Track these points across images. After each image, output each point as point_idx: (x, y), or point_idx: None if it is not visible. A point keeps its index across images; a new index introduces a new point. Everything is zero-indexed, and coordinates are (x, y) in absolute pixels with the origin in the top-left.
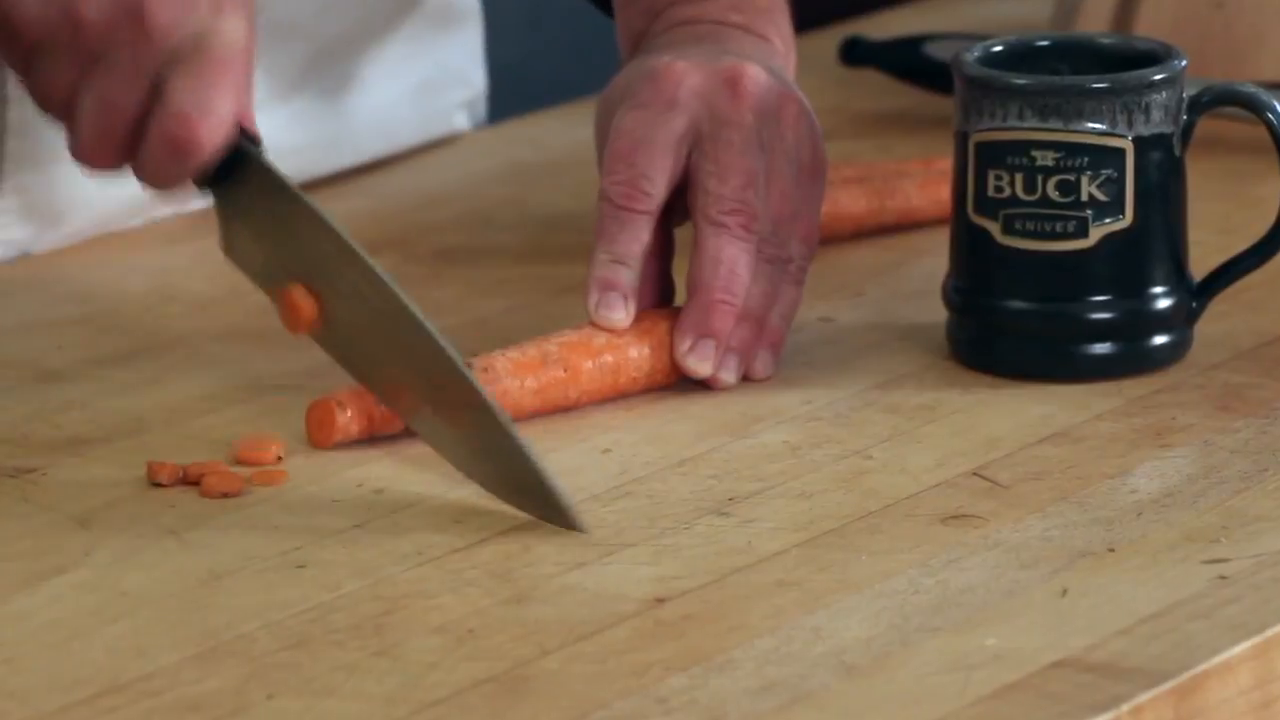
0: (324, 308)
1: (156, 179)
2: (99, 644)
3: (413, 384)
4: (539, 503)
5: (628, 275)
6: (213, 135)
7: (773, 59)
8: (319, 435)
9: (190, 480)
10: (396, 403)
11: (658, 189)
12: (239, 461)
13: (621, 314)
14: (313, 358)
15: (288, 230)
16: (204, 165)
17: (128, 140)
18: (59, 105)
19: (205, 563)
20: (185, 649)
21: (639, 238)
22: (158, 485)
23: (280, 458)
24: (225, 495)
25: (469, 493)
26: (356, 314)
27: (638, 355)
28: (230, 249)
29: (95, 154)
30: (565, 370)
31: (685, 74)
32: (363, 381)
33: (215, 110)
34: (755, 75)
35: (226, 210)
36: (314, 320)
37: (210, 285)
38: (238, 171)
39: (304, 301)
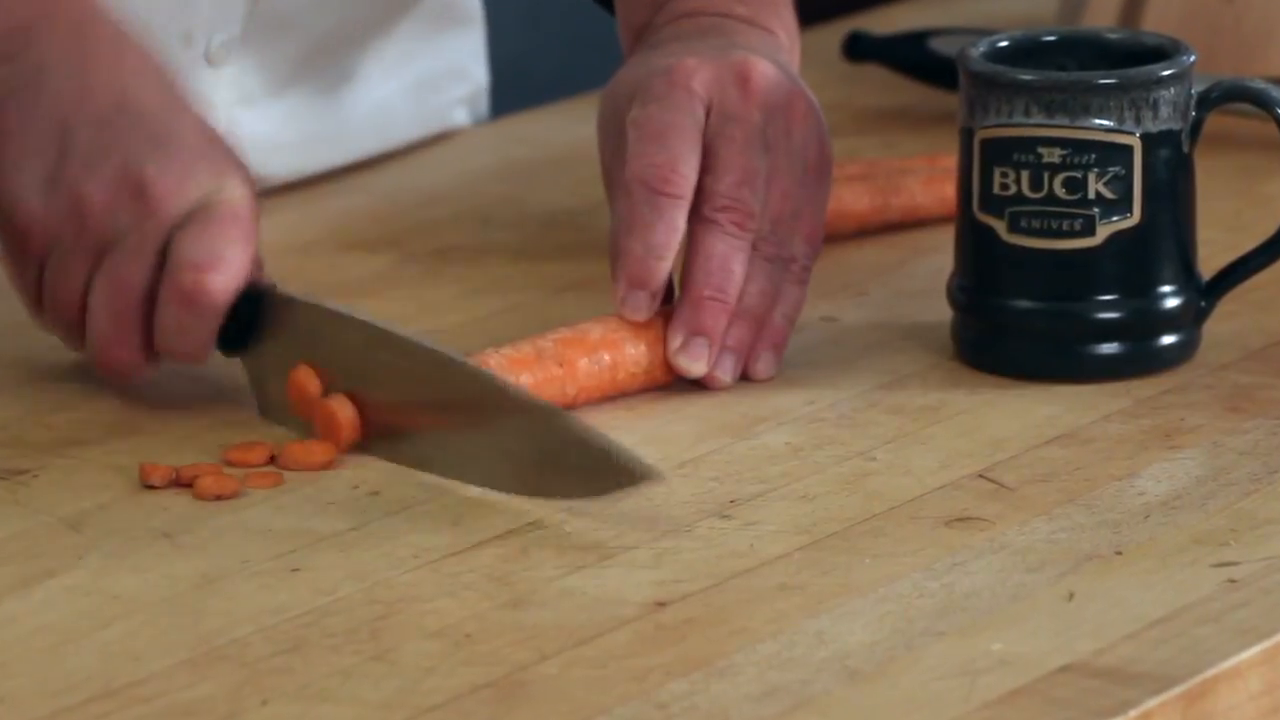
0: (368, 407)
1: (177, 342)
2: (91, 649)
3: (460, 418)
4: (595, 478)
5: (660, 271)
6: (225, 282)
7: (778, 53)
8: (331, 440)
9: (183, 482)
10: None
11: (692, 172)
12: (232, 463)
13: (644, 315)
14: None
15: (318, 343)
16: (220, 315)
17: (142, 316)
18: (73, 305)
19: (199, 566)
20: (178, 654)
21: (675, 226)
22: (151, 487)
23: (274, 459)
24: (219, 497)
25: (466, 496)
26: (397, 386)
27: (635, 352)
28: (265, 410)
29: (113, 342)
30: (561, 366)
31: (696, 69)
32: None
33: (224, 257)
34: (765, 71)
35: (256, 372)
36: (355, 433)
37: None
38: (258, 324)
39: (344, 412)
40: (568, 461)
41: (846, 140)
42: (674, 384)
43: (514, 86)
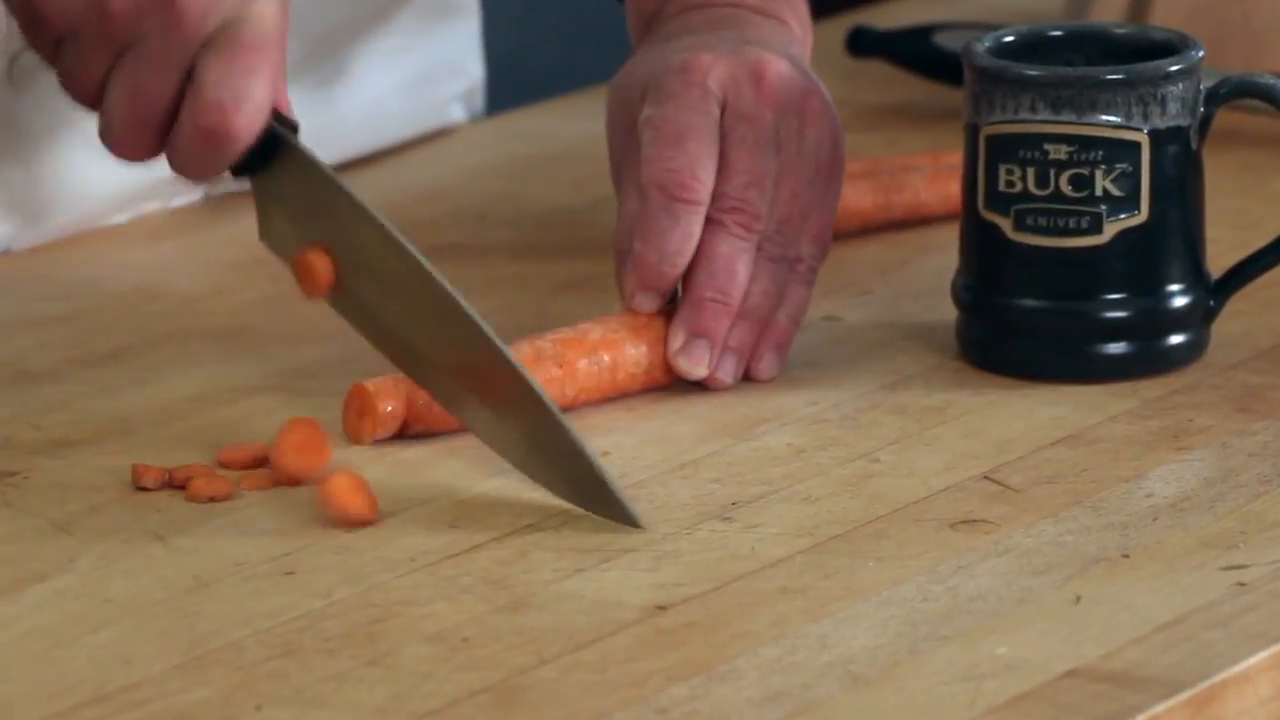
0: (360, 293)
1: (191, 168)
2: (82, 653)
3: (453, 369)
4: (584, 491)
5: (673, 278)
6: (249, 124)
7: (791, 44)
8: (357, 427)
9: (176, 484)
10: (437, 389)
11: (710, 177)
12: (225, 464)
13: (653, 309)
14: (302, 358)
15: (325, 216)
16: (239, 154)
17: (161, 129)
18: (88, 94)
19: (192, 569)
20: (171, 658)
21: (691, 233)
22: (143, 489)
23: (268, 460)
24: (212, 499)
25: (463, 497)
26: (395, 301)
27: (635, 353)
28: (266, 234)
29: (127, 143)
30: (560, 367)
31: (711, 66)
32: (403, 369)
33: (250, 98)
34: (780, 70)
35: (262, 197)
36: (330, 283)
37: (196, 283)
38: (273, 157)
39: (320, 264)
40: (559, 466)
41: (849, 137)
42: (674, 385)
43: (510, 81)
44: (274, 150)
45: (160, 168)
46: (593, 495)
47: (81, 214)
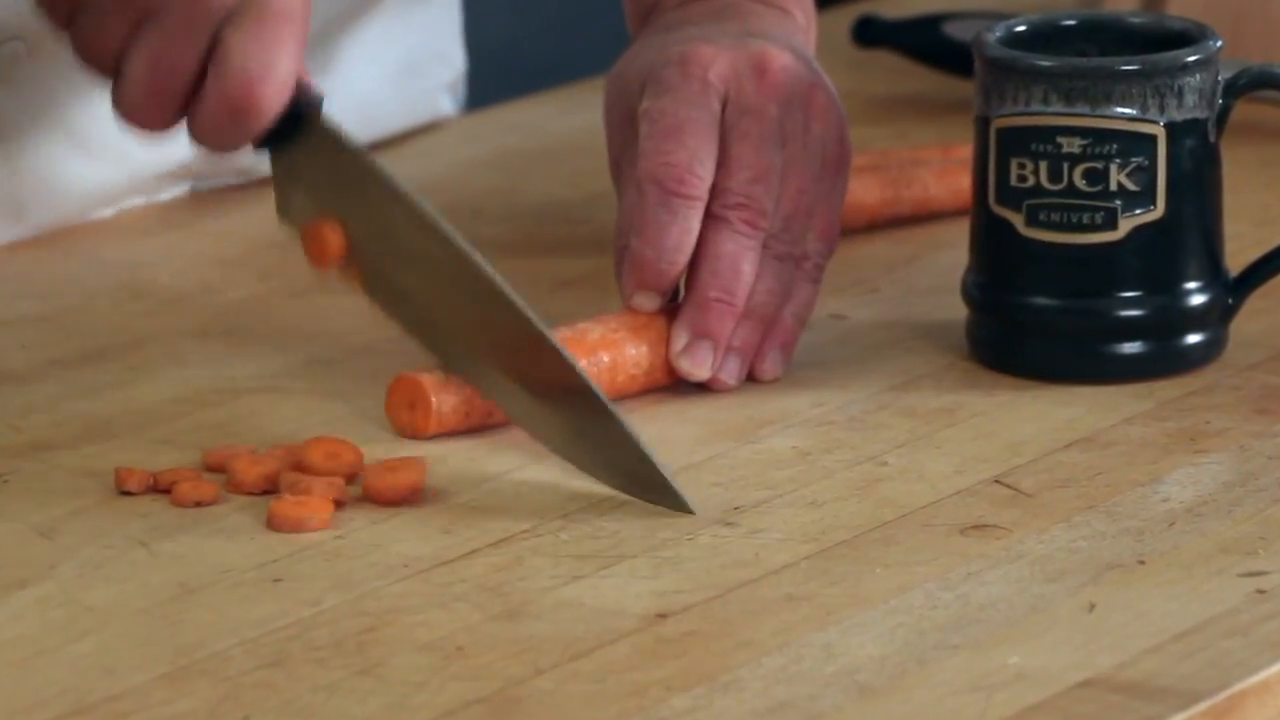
0: (392, 274)
1: (214, 140)
2: (64, 662)
3: (493, 354)
4: (633, 478)
5: (672, 276)
6: (275, 95)
7: (794, 36)
8: (410, 422)
9: (161, 488)
10: (474, 375)
11: (709, 173)
12: (212, 467)
13: (653, 309)
14: (291, 357)
15: (351, 192)
16: (265, 125)
17: (182, 100)
18: (105, 62)
19: (177, 576)
20: (155, 668)
21: (689, 229)
22: (126, 493)
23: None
24: (198, 504)
25: (457, 501)
26: (430, 282)
27: (635, 353)
28: (285, 211)
29: (146, 114)
30: None
31: (713, 59)
32: (436, 355)
33: (276, 69)
34: (785, 63)
35: (283, 172)
36: (340, 255)
37: (181, 281)
38: (297, 131)
39: (332, 234)
40: (606, 452)
41: (856, 130)
42: (675, 386)
43: (504, 72)
44: (297, 124)
45: (146, 163)
46: (643, 482)
47: (63, 210)
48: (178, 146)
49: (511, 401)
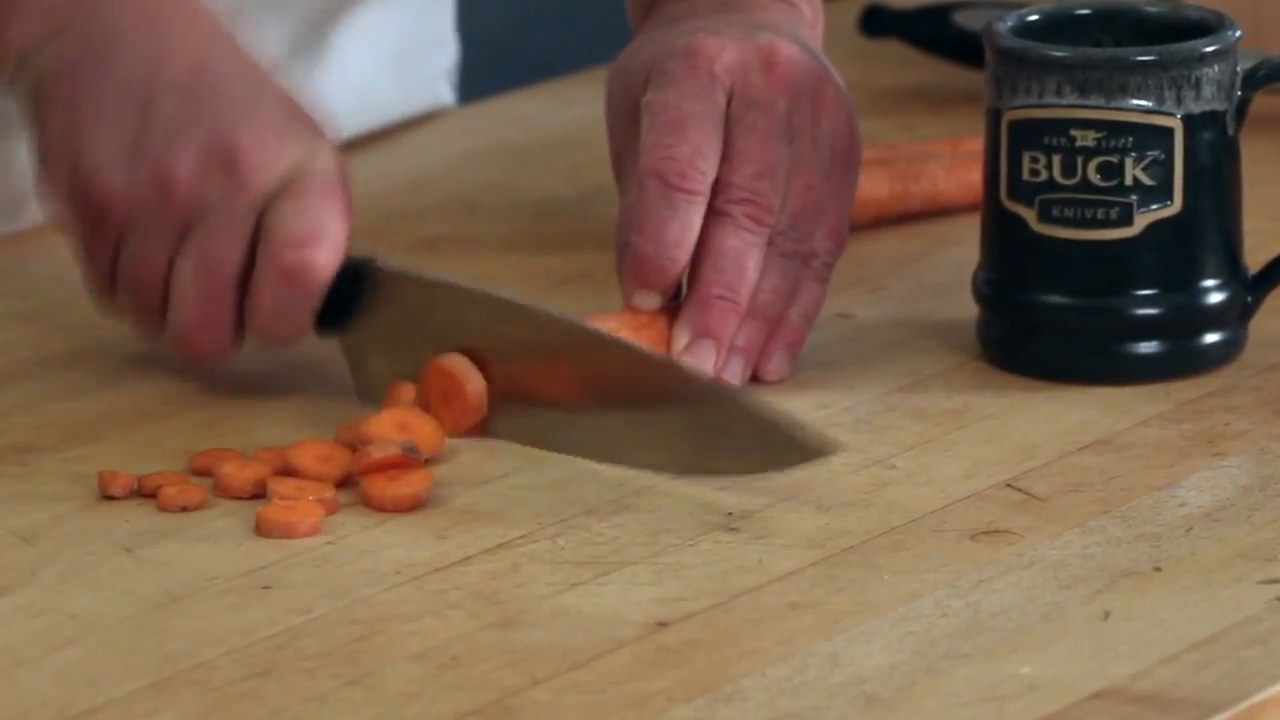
0: (509, 377)
1: (275, 325)
2: (45, 672)
3: (608, 396)
4: (765, 449)
5: (673, 273)
6: (328, 257)
7: (801, 28)
8: (452, 415)
9: (146, 492)
10: (595, 427)
11: (712, 168)
12: (199, 471)
13: (654, 306)
14: (281, 357)
15: (430, 319)
16: (323, 292)
17: (234, 301)
18: (155, 288)
19: (162, 583)
20: (140, 678)
21: (691, 225)
22: (110, 497)
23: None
24: (184, 508)
25: (451, 506)
26: (532, 361)
27: None
28: (365, 392)
29: (199, 329)
30: None
31: (719, 51)
32: (565, 446)
33: (326, 231)
34: (792, 55)
35: (355, 351)
36: (482, 397)
37: None
38: (356, 300)
39: (407, 388)
40: (733, 439)
41: (863, 123)
42: None
43: (502, 63)
44: (357, 291)
45: None
46: (774, 449)
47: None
48: None
49: (622, 443)
